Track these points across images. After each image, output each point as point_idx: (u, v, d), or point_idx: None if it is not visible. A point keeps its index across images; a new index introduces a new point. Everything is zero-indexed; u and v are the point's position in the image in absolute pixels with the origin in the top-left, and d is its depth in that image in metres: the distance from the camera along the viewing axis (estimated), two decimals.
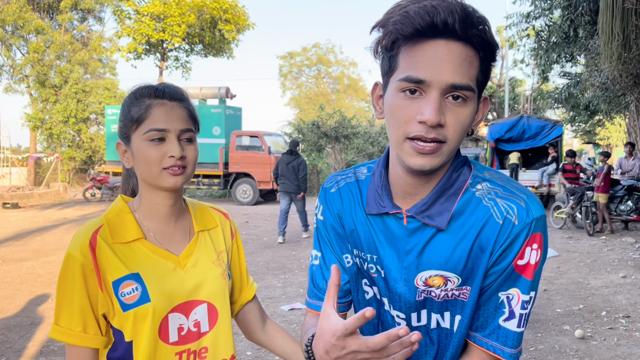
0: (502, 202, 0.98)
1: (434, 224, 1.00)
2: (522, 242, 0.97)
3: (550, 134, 14.71)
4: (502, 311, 1.00)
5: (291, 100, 46.94)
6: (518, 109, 27.48)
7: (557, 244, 9.36)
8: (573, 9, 11.92)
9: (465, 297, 1.03)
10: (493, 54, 0.94)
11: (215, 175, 17.22)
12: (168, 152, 1.19)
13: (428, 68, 0.89)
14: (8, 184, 19.96)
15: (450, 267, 1.01)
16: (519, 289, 0.99)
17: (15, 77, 24.97)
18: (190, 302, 1.25)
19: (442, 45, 0.89)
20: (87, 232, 1.21)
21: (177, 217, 1.30)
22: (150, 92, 1.22)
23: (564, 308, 5.49)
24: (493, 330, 1.01)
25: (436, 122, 0.88)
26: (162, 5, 23.52)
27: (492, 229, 0.98)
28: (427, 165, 0.93)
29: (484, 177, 1.03)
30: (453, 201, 1.00)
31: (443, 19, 0.86)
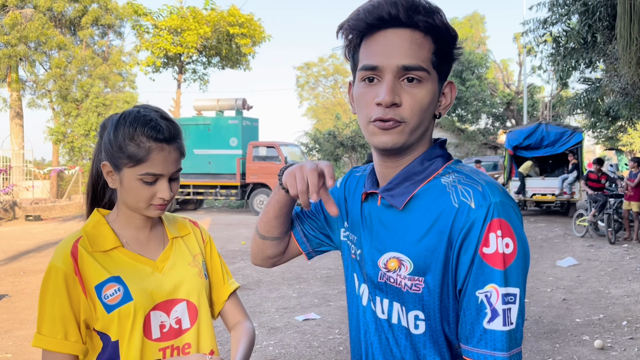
0: (461, 187, 0.99)
1: (393, 202, 1.04)
2: (481, 226, 0.93)
3: (569, 141, 14.52)
4: (484, 312, 0.93)
5: (308, 110, 47.13)
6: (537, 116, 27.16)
7: (577, 252, 9.20)
8: (591, 14, 11.78)
9: (417, 290, 0.99)
10: (444, 38, 0.99)
11: (232, 186, 17.32)
12: (158, 194, 1.27)
13: (380, 55, 0.98)
14: (31, 196, 20.34)
15: (405, 249, 1.01)
16: (495, 283, 0.92)
17: (39, 92, 25.49)
18: (170, 300, 1.33)
19: (391, 33, 0.98)
20: (68, 243, 1.28)
21: (151, 226, 1.39)
22: (151, 135, 1.24)
23: (583, 318, 5.38)
24: (480, 336, 0.94)
25: (390, 102, 0.96)
26: (180, 20, 23.89)
27: (449, 213, 0.97)
28: (390, 141, 0.99)
29: (455, 169, 1.04)
30: (417, 185, 1.03)
31: (387, 11, 0.96)
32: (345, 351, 4.54)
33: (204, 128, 17.66)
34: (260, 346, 4.68)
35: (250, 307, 5.95)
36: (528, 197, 14.87)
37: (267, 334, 5.01)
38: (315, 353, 4.52)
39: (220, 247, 10.19)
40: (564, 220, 13.88)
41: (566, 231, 11.92)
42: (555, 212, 15.73)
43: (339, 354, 4.49)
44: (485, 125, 31.11)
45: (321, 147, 22.03)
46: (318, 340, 4.82)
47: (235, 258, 9.11)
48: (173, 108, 26.17)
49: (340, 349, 4.59)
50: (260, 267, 1.38)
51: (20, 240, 11.49)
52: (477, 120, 30.56)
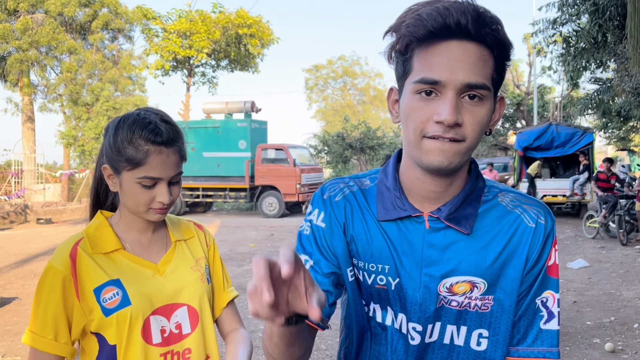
0: (529, 208, 1.04)
1: (461, 228, 1.00)
2: (551, 243, 1.03)
3: (580, 142, 14.39)
4: (541, 315, 1.02)
5: (317, 112, 47.16)
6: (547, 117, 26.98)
7: (588, 254, 9.10)
8: (601, 13, 11.68)
9: (486, 309, 1.01)
10: (507, 53, 0.94)
11: (241, 189, 17.36)
12: (157, 198, 1.26)
13: (443, 69, 0.89)
14: (42, 200, 20.53)
15: (479, 272, 1.00)
16: (552, 290, 1.03)
17: (50, 97, 25.74)
18: (171, 305, 1.31)
19: (456, 45, 0.89)
20: (68, 245, 1.28)
21: (154, 229, 1.37)
22: (149, 138, 1.23)
23: (594, 320, 5.31)
24: (536, 336, 1.02)
25: (453, 121, 0.89)
26: (189, 23, 24.03)
27: (524, 233, 1.01)
28: (446, 162, 0.92)
29: (497, 186, 1.08)
30: (476, 207, 1.02)
31: (456, 20, 0.87)
32: None
33: (213, 131, 17.73)
34: None
35: None
36: (538, 198, 14.74)
37: None
38: (322, 356, 4.50)
39: (229, 250, 10.21)
40: (574, 222, 13.75)
41: (577, 233, 11.81)
42: (566, 213, 15.59)
43: None
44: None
45: (330, 149, 22.03)
46: (326, 343, 4.80)
47: (244, 260, 9.12)
48: (182, 111, 26.30)
49: None
50: None
51: (31, 243, 11.59)
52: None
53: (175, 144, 1.27)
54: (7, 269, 8.59)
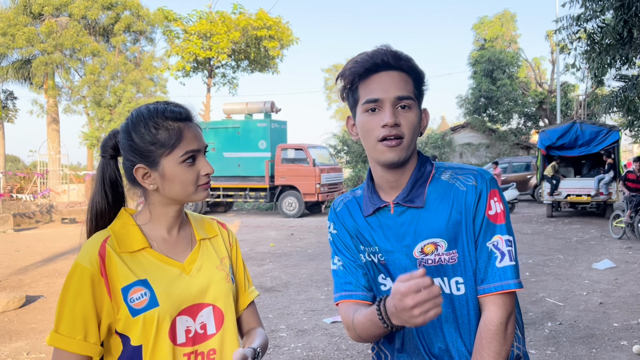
0: (461, 177, 1.34)
1: (415, 204, 1.33)
2: (486, 195, 1.31)
3: (605, 140, 14.10)
4: (495, 257, 1.28)
5: (337, 112, 47.08)
6: (571, 115, 26.51)
7: (614, 254, 8.91)
8: (626, 9, 11.42)
9: (454, 260, 1.31)
10: (420, 76, 1.32)
11: (261, 189, 17.43)
12: (202, 171, 1.28)
13: (380, 90, 1.28)
14: (67, 200, 20.88)
15: (437, 234, 1.31)
16: (499, 234, 1.29)
17: (74, 98, 26.18)
18: (197, 305, 1.30)
19: (385, 74, 1.29)
20: (97, 243, 1.26)
21: (179, 227, 1.36)
22: (175, 117, 1.26)
23: (621, 322, 5.19)
24: (494, 274, 1.28)
25: (393, 122, 1.25)
26: (209, 24, 24.20)
27: (460, 196, 1.31)
28: (396, 157, 1.28)
29: (444, 167, 1.38)
30: (424, 186, 1.34)
31: (380, 58, 1.28)
32: None
33: (233, 131, 17.83)
34: (288, 348, 4.67)
35: (279, 309, 5.95)
36: (562, 197, 14.49)
37: (295, 336, 4.99)
38: (343, 356, 4.48)
39: (250, 249, 10.25)
40: (600, 222, 13.48)
41: (602, 233, 11.57)
42: (591, 213, 15.29)
43: (367, 357, 4.44)
44: (517, 125, 30.51)
45: (349, 149, 21.98)
46: (346, 342, 4.78)
47: (264, 260, 9.14)
48: (203, 112, 26.51)
49: (369, 352, 4.53)
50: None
51: (56, 242, 11.80)
52: (509, 120, 29.98)
53: (194, 118, 1.32)
54: (32, 267, 8.76)
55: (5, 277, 7.96)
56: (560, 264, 8.19)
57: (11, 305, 6.10)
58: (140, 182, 1.28)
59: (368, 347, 4.66)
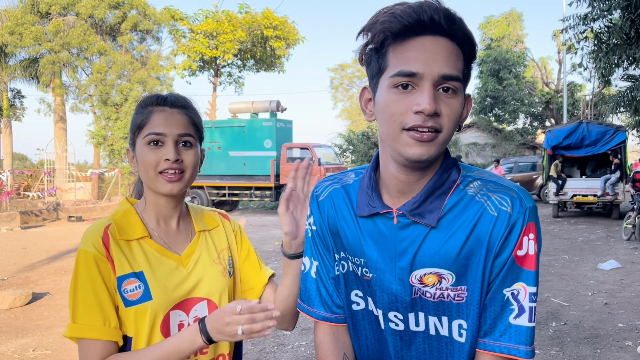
0: (494, 196, 1.01)
1: (425, 221, 1.01)
2: (519, 231, 0.98)
3: (612, 140, 14.03)
4: (511, 309, 0.99)
5: (342, 111, 47.10)
6: (577, 115, 26.40)
7: (620, 254, 8.87)
8: (633, 8, 11.37)
9: (461, 299, 1.02)
10: (474, 50, 0.98)
11: (267, 187, 17.46)
12: (164, 156, 1.25)
13: (419, 61, 0.92)
14: (73, 198, 20.99)
15: (444, 264, 1.01)
16: (524, 282, 0.99)
17: (81, 97, 26.32)
18: (190, 299, 1.29)
19: (430, 40, 0.93)
20: (99, 229, 1.25)
21: (179, 218, 1.36)
22: (153, 101, 1.30)
23: (626, 323, 5.17)
24: (504, 330, 0.99)
25: (433, 110, 0.91)
26: (215, 23, 24.25)
27: (487, 222, 0.99)
28: (425, 154, 0.94)
29: (474, 177, 1.05)
30: (442, 199, 1.02)
31: (429, 16, 0.91)
32: None
33: (238, 130, 17.87)
34: (292, 347, 4.69)
35: None
36: (568, 197, 14.44)
37: (299, 334, 5.01)
38: None
39: (255, 248, 10.17)
40: (606, 222, 13.42)
41: (608, 233, 11.52)
42: (597, 213, 15.23)
43: None
44: (523, 125, 30.42)
45: (355, 149, 21.98)
46: None
47: (269, 259, 9.16)
48: (209, 111, 26.57)
49: None
50: None
51: (62, 240, 11.87)
52: (515, 120, 29.90)
53: (180, 107, 1.30)
54: (39, 265, 8.82)
55: (12, 275, 8.02)
56: (566, 264, 8.17)
57: (18, 302, 6.15)
58: (130, 165, 1.34)
59: None
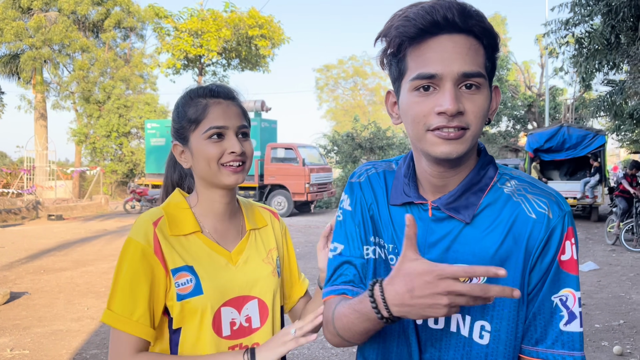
0: (532, 198, 0.99)
1: (460, 217, 1.00)
2: (560, 235, 0.97)
3: (592, 144, 14.26)
4: (560, 315, 0.97)
5: (327, 112, 47.16)
6: (559, 119, 26.78)
7: (598, 257, 9.02)
8: (614, 14, 11.56)
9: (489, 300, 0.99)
10: (495, 42, 0.97)
11: (250, 187, 17.40)
12: (228, 149, 1.23)
13: (437, 62, 0.92)
14: (54, 196, 20.71)
15: (477, 262, 0.98)
16: (571, 288, 0.97)
17: (62, 94, 26.00)
18: (242, 297, 1.28)
19: (446, 39, 0.92)
20: (150, 221, 1.24)
21: (231, 215, 1.34)
22: (206, 92, 1.27)
23: (602, 323, 5.27)
24: (556, 338, 0.97)
25: (455, 110, 0.90)
26: (200, 22, 24.13)
27: (524, 223, 0.98)
28: (454, 152, 0.93)
29: (511, 175, 1.04)
30: (479, 196, 1.01)
31: (442, 15, 0.90)
32: None
33: None
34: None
35: None
36: None
37: None
38: (328, 354, 4.50)
39: None
40: (585, 224, 13.63)
41: (587, 235, 11.70)
42: (577, 216, 15.46)
43: (352, 355, 4.47)
44: (506, 128, 30.76)
45: (339, 149, 22.02)
46: None
47: None
48: None
49: (354, 351, 4.56)
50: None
51: (41, 239, 11.70)
52: (498, 123, 30.23)
53: (232, 98, 1.30)
54: (17, 264, 8.69)
55: None
56: None
57: None
58: (178, 160, 1.31)
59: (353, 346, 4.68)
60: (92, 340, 4.86)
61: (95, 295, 6.53)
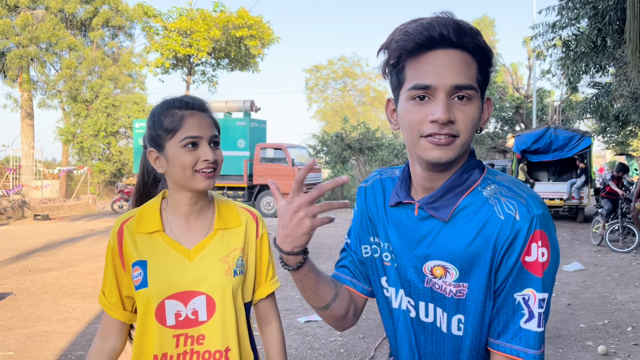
0: (504, 200, 1.06)
1: (438, 215, 1.09)
2: (524, 236, 1.02)
3: (578, 145, 14.40)
4: (522, 313, 1.04)
5: (317, 112, 47.19)
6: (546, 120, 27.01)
7: (584, 257, 9.12)
8: (600, 17, 11.69)
9: (462, 295, 1.08)
10: (488, 57, 1.06)
11: (239, 187, 17.37)
12: (202, 157, 1.35)
13: (432, 74, 1.01)
14: (40, 196, 20.50)
15: (450, 258, 1.08)
16: (533, 288, 1.03)
17: (49, 93, 25.75)
18: (190, 292, 1.38)
19: (442, 53, 1.02)
20: (118, 223, 1.43)
21: (198, 214, 1.45)
22: (182, 104, 1.39)
23: (588, 323, 5.32)
24: (515, 333, 1.04)
25: (446, 119, 1.00)
26: (189, 21, 24.02)
27: (494, 225, 1.05)
28: (444, 157, 1.03)
29: (494, 179, 1.12)
30: (459, 197, 1.09)
31: (438, 32, 1.00)
32: (346, 353, 4.53)
33: None
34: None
35: None
36: None
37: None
38: (316, 355, 4.51)
39: None
40: (571, 225, 13.77)
41: (573, 236, 11.82)
42: (563, 216, 15.61)
43: (339, 356, 4.48)
44: (494, 129, 30.98)
45: (329, 150, 22.03)
46: (319, 342, 4.80)
47: None
48: None
49: (341, 351, 4.57)
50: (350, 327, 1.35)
51: (27, 239, 11.58)
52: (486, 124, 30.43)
53: (205, 110, 1.41)
54: (2, 264, 8.59)
55: None
56: None
57: None
58: (153, 165, 1.42)
59: (341, 346, 4.69)
60: (77, 342, 4.82)
61: (81, 296, 6.48)
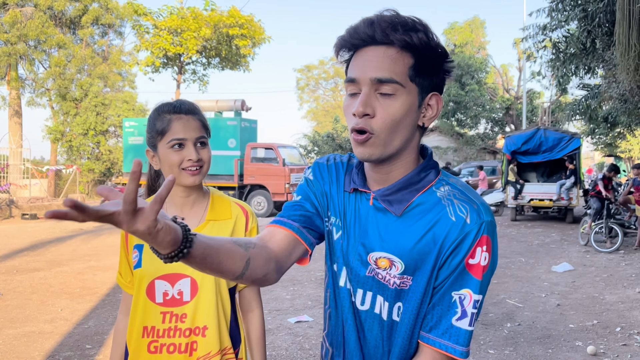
0: (458, 203, 1.09)
1: (391, 209, 1.11)
2: (472, 240, 1.06)
3: (567, 147, 14.51)
4: (455, 311, 1.08)
5: (308, 112, 47.16)
6: (536, 121, 27.19)
7: (573, 257, 9.18)
8: (590, 20, 11.78)
9: (405, 286, 1.11)
10: (425, 53, 1.04)
11: (230, 187, 17.30)
12: (187, 157, 1.51)
13: (358, 68, 1.05)
14: (28, 195, 20.30)
15: (398, 252, 1.10)
16: (471, 289, 1.07)
17: (38, 91, 25.49)
18: (177, 274, 1.54)
19: (369, 49, 1.05)
20: None
21: (192, 205, 1.61)
22: (170, 109, 1.54)
23: (577, 323, 5.35)
24: (446, 329, 1.08)
25: (362, 112, 1.02)
26: (180, 20, 23.90)
27: (444, 225, 1.07)
28: (366, 154, 1.06)
29: (448, 181, 1.14)
30: (414, 195, 1.11)
31: (363, 31, 1.04)
32: None
33: None
34: None
35: None
36: (526, 202, 14.86)
37: None
38: (306, 355, 4.49)
39: None
40: (561, 226, 13.86)
41: (563, 237, 11.90)
42: (553, 217, 15.71)
43: None
44: (484, 130, 31.14)
45: (320, 150, 22.05)
46: (310, 342, 4.79)
47: None
48: None
49: None
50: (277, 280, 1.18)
51: (14, 238, 11.45)
52: (476, 125, 30.59)
53: (193, 114, 1.55)
54: None
55: None
56: (522, 267, 8.40)
57: None
58: (150, 163, 1.62)
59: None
60: (65, 342, 4.77)
61: (69, 296, 6.41)
